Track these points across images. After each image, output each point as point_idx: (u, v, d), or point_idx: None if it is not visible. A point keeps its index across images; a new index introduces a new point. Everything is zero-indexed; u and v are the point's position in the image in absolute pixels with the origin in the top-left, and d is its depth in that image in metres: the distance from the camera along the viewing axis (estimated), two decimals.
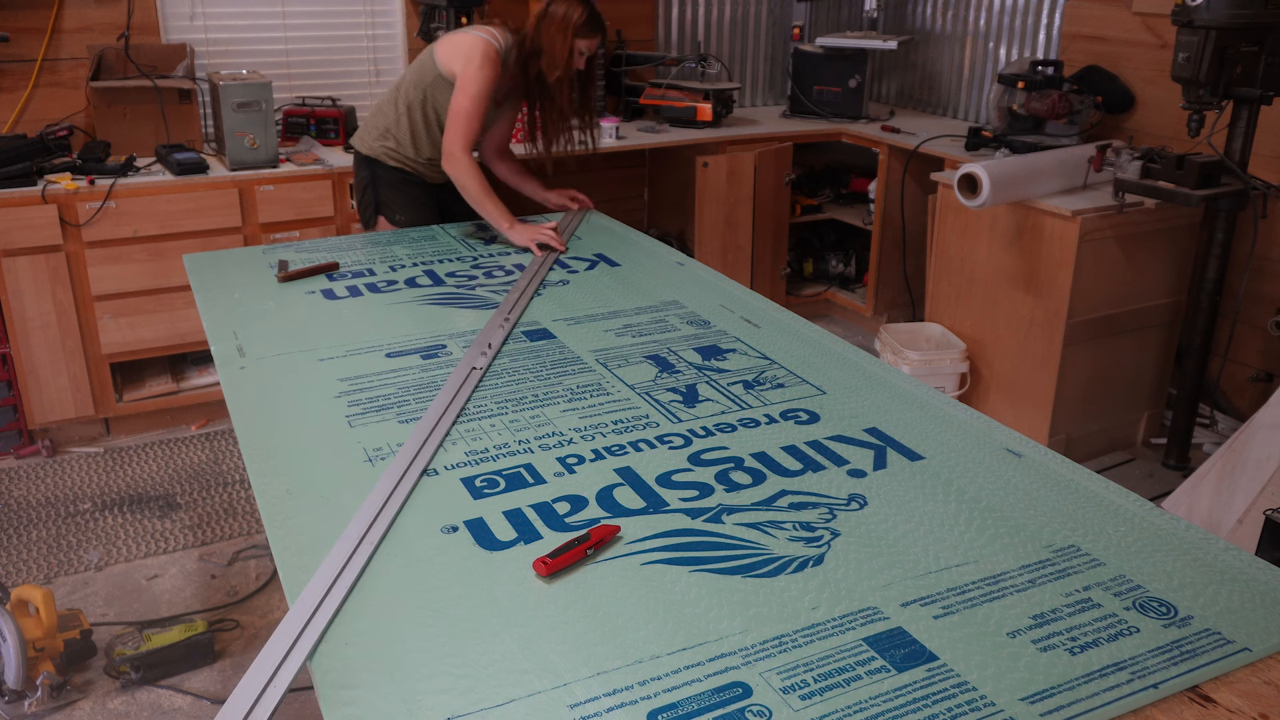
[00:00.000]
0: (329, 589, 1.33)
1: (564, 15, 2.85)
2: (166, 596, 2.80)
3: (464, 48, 2.90)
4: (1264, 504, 2.54)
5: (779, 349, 2.16)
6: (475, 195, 2.88)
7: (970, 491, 1.60)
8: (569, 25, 2.84)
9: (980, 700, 1.15)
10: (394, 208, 3.11)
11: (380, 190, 3.11)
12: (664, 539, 1.46)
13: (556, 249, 2.80)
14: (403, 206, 3.11)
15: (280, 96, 3.91)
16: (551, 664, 1.21)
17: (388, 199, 3.11)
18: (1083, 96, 3.85)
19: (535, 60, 2.92)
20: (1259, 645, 1.25)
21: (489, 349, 2.10)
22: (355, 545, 1.42)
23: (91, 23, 3.70)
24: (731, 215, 4.25)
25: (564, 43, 2.86)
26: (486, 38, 2.89)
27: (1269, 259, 3.51)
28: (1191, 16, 2.93)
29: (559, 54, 2.87)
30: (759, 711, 1.14)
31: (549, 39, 2.87)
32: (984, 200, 3.23)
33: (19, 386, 3.44)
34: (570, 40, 2.86)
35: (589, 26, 2.88)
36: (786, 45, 5.03)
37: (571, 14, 2.85)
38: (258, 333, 2.21)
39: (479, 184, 2.87)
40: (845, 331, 4.68)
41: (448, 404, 1.84)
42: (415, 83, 3.01)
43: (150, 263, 3.45)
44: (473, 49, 2.87)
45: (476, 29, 2.94)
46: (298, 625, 1.27)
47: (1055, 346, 3.34)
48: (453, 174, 2.89)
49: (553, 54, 2.88)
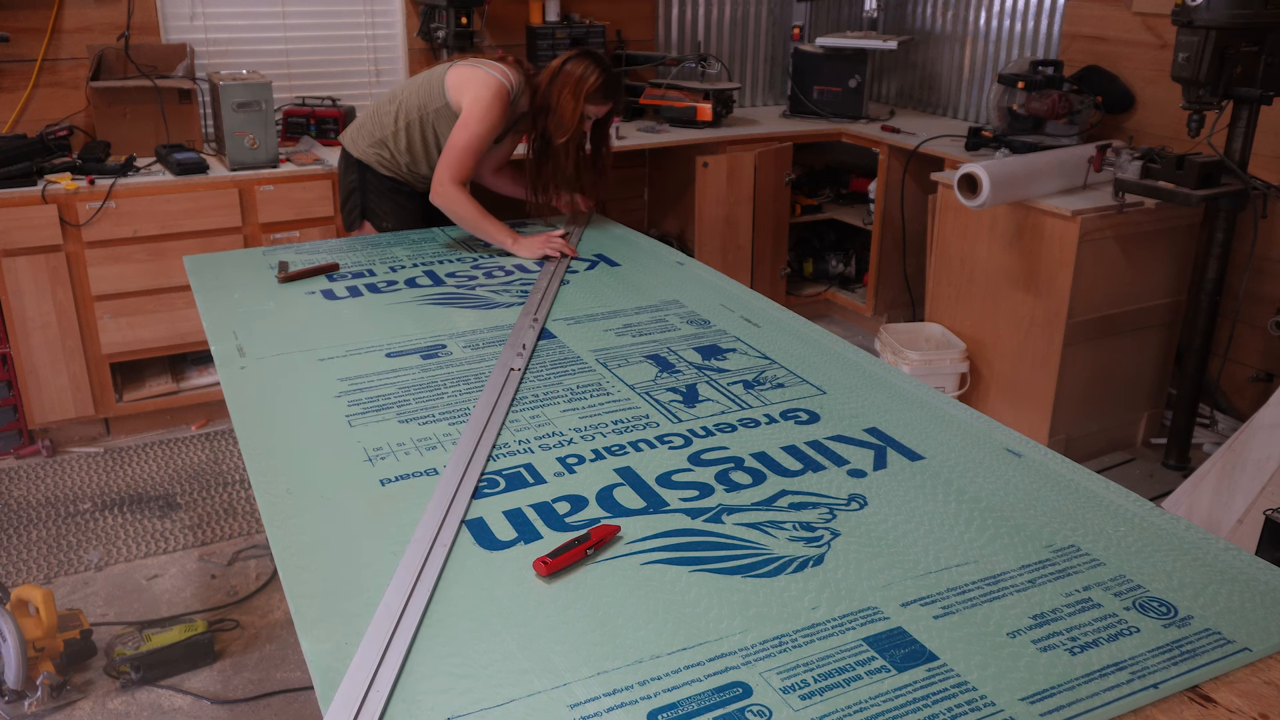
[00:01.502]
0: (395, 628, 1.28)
1: (579, 77, 2.75)
2: (166, 596, 2.80)
3: (476, 83, 2.79)
4: (1264, 504, 2.54)
5: (779, 349, 2.16)
6: (471, 222, 2.80)
7: (970, 491, 1.60)
8: (582, 89, 2.74)
9: (980, 700, 1.15)
10: (381, 215, 3.06)
11: (369, 197, 3.06)
12: (664, 539, 1.46)
13: (568, 255, 2.76)
14: (390, 214, 3.06)
15: (280, 96, 3.91)
16: (551, 664, 1.21)
17: (376, 205, 3.06)
18: (1083, 96, 3.85)
19: (543, 117, 2.82)
20: (1259, 645, 1.25)
21: (524, 350, 2.10)
22: (419, 568, 1.41)
23: (91, 23, 3.70)
24: (731, 215, 4.25)
25: (574, 106, 2.75)
26: (500, 78, 2.78)
27: (1269, 259, 3.51)
28: (1191, 16, 2.93)
29: (568, 117, 2.77)
30: (759, 711, 1.14)
31: (559, 98, 2.76)
32: (984, 200, 3.23)
33: (19, 386, 3.44)
34: (581, 105, 2.75)
35: (602, 93, 2.78)
36: (786, 45, 5.02)
37: (587, 77, 2.75)
38: (258, 333, 2.22)
39: (472, 210, 2.79)
40: (845, 331, 4.68)
41: (493, 405, 1.86)
42: (419, 104, 2.91)
43: (150, 263, 3.45)
44: (484, 87, 2.77)
45: (490, 65, 2.83)
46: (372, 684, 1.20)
47: (1055, 346, 3.34)
48: (443, 206, 2.81)
49: (561, 116, 2.77)
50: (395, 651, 1.22)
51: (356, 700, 1.15)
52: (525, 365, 2.04)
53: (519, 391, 1.93)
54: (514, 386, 1.94)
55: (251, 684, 2.46)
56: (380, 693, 1.16)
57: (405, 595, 1.32)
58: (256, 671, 2.50)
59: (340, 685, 1.17)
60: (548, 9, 4.36)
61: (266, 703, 2.40)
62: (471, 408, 1.85)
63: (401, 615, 1.28)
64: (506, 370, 2.00)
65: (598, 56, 2.82)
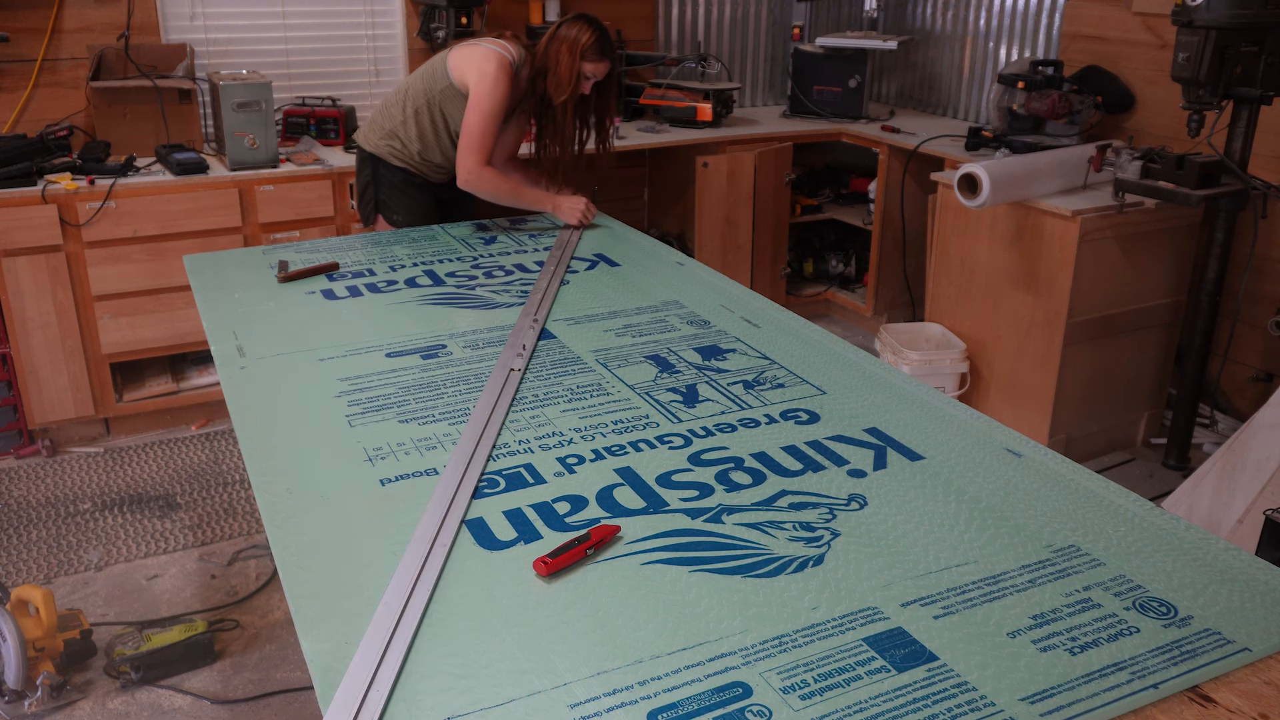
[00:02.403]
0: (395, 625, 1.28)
1: (574, 37, 2.85)
2: (166, 596, 2.80)
3: (477, 60, 2.89)
4: (1264, 504, 2.54)
5: (779, 349, 2.16)
6: (510, 197, 2.94)
7: (970, 491, 1.60)
8: (577, 47, 2.84)
9: (980, 700, 1.15)
10: (393, 208, 3.12)
11: (381, 190, 3.12)
12: (664, 539, 1.46)
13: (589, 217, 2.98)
14: (401, 207, 3.11)
15: (280, 96, 3.91)
16: (551, 664, 1.21)
17: (388, 198, 3.12)
18: (1083, 96, 3.85)
19: (542, 80, 2.92)
20: (1259, 645, 1.25)
21: (524, 350, 2.10)
22: (420, 570, 1.41)
23: (91, 23, 3.70)
24: (731, 215, 4.25)
25: (571, 65, 2.86)
26: (500, 51, 2.88)
27: (1269, 259, 3.51)
28: (1191, 16, 2.93)
29: (565, 76, 2.87)
30: (759, 711, 1.14)
31: (556, 58, 2.87)
32: (984, 200, 3.23)
33: (19, 386, 3.44)
34: (577, 63, 2.86)
35: (597, 50, 2.87)
36: (786, 45, 5.02)
37: (581, 36, 2.85)
38: (258, 333, 2.21)
39: (508, 187, 2.93)
40: (845, 331, 4.68)
41: (493, 405, 1.86)
42: (425, 89, 3.00)
43: (150, 263, 3.45)
44: (486, 61, 2.87)
45: (489, 41, 2.94)
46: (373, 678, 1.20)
47: (1055, 346, 3.34)
48: (477, 190, 2.92)
49: (559, 75, 2.88)
50: (395, 651, 1.22)
51: (356, 700, 1.15)
52: (525, 365, 2.04)
53: (519, 391, 1.93)
54: (514, 387, 1.94)
55: (251, 684, 2.46)
56: (380, 693, 1.16)
57: (405, 595, 1.32)
58: (256, 671, 2.50)
59: (340, 685, 1.17)
60: (547, 9, 4.36)
61: (266, 703, 2.40)
62: (471, 408, 1.85)
63: (401, 615, 1.28)
64: (506, 370, 2.00)
65: (591, 17, 2.91)
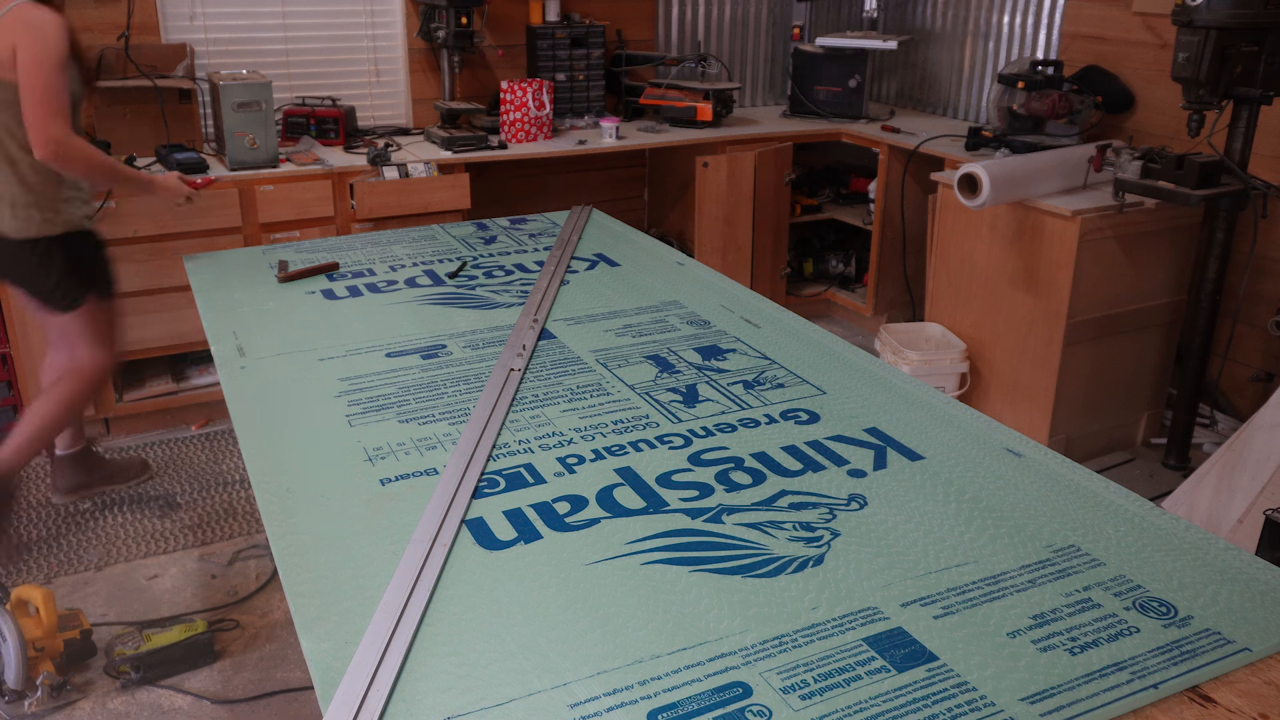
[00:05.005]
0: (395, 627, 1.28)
1: None
2: (166, 596, 2.80)
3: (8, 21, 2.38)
4: (1264, 504, 2.54)
5: (779, 349, 2.16)
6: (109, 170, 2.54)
7: (970, 491, 1.60)
8: None
9: (980, 700, 1.15)
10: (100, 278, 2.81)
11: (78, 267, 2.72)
12: (664, 539, 1.46)
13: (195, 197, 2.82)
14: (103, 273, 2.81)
15: (280, 96, 3.91)
16: (551, 664, 1.21)
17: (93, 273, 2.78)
18: (1083, 96, 3.85)
19: None
20: (1259, 645, 1.25)
21: (524, 350, 2.10)
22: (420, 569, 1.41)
23: (91, 23, 3.70)
24: (731, 215, 4.25)
25: None
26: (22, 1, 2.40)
27: (1269, 259, 3.51)
28: (1191, 16, 2.93)
29: None
30: (759, 711, 1.14)
31: None
32: (984, 200, 3.23)
33: (19, 386, 3.44)
34: None
35: None
36: (786, 45, 5.03)
37: None
38: (258, 333, 2.22)
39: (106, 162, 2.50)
40: (845, 331, 4.68)
41: (493, 405, 1.86)
42: None
43: (150, 263, 3.45)
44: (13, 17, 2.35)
45: None
46: None
47: (1055, 346, 3.34)
48: (65, 164, 2.44)
49: None
50: (395, 651, 1.22)
51: (356, 700, 1.15)
52: (525, 365, 2.04)
53: (519, 391, 1.93)
54: (514, 386, 1.94)
55: (251, 684, 2.46)
56: (380, 692, 1.16)
57: (405, 595, 1.32)
58: (256, 671, 2.50)
59: (340, 685, 1.17)
60: (548, 9, 4.36)
61: (266, 703, 2.40)
62: (471, 408, 1.85)
63: (401, 615, 1.28)
64: (506, 370, 2.00)
65: None
